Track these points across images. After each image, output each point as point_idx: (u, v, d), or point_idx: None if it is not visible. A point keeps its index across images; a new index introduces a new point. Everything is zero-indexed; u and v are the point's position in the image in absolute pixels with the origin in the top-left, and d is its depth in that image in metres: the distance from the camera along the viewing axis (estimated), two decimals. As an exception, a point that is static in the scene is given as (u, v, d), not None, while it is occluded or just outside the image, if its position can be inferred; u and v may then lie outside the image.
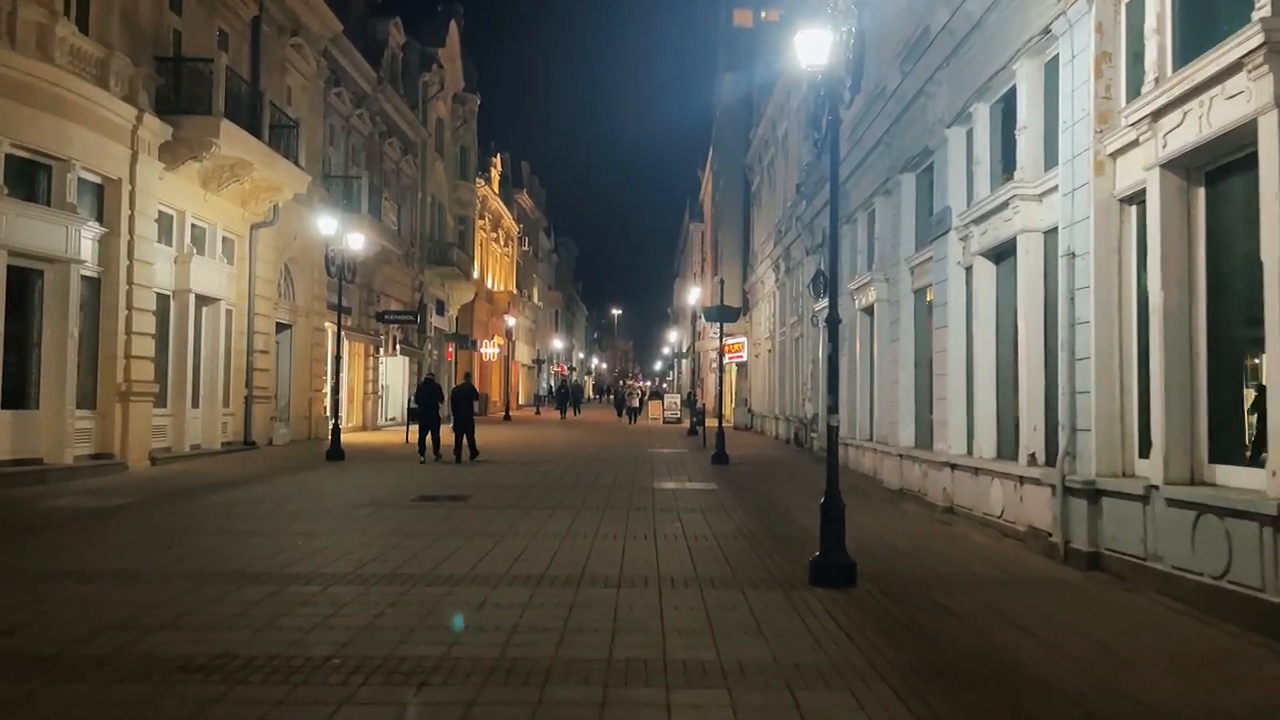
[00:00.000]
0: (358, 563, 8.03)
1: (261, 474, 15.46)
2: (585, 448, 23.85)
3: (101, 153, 14.87)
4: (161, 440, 17.28)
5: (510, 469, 17.23)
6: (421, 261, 36.32)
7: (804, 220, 22.09)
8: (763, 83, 33.01)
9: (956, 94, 11.76)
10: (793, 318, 24.98)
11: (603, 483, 15.06)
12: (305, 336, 24.52)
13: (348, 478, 15.37)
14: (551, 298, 79.86)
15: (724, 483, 15.26)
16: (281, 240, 22.30)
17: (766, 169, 31.21)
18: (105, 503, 11.66)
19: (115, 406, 15.38)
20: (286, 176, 20.26)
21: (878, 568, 7.98)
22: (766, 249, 30.11)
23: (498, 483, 14.86)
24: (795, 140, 25.33)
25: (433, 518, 10.86)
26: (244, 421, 20.69)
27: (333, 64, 25.95)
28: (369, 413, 30.21)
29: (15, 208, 13.12)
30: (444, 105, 39.63)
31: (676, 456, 21.14)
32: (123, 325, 15.50)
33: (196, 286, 18.16)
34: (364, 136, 29.18)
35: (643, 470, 17.47)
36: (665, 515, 11.34)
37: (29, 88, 13.12)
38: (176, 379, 17.80)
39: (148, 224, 16.13)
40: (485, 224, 49.53)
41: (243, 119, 17.97)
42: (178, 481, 14.18)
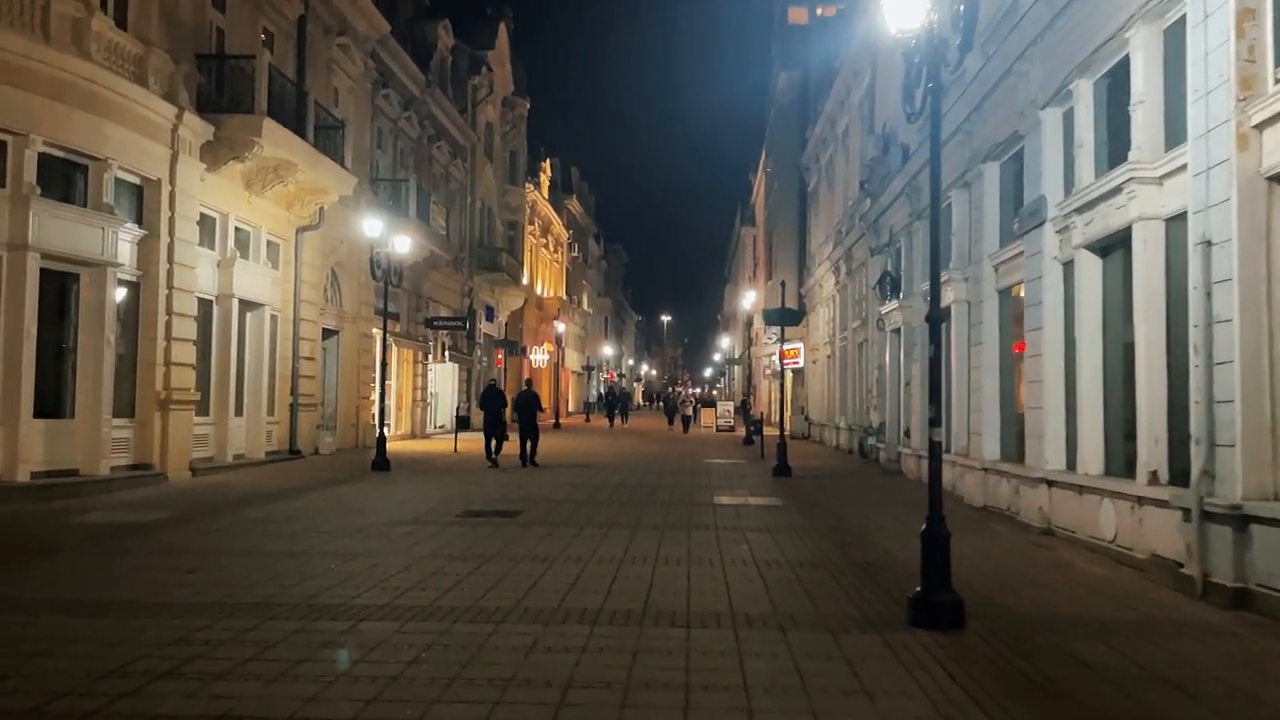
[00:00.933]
0: (394, 592, 7.19)
1: (302, 486, 14.80)
2: (638, 458, 22.94)
3: (140, 152, 14.36)
4: (203, 450, 16.74)
5: (561, 481, 16.38)
6: (471, 267, 35.78)
7: (868, 219, 20.97)
8: (820, 79, 31.93)
9: (1053, 71, 10.64)
10: (855, 321, 23.82)
11: (659, 497, 14.13)
12: (352, 343, 23.99)
13: (391, 490, 14.64)
14: (601, 304, 79.22)
15: (789, 498, 14.23)
16: (327, 244, 21.77)
17: (824, 168, 30.07)
18: (136, 518, 11.02)
19: (154, 415, 14.84)
20: (332, 178, 19.70)
21: (983, 604, 6.93)
22: (825, 251, 28.96)
23: (548, 496, 14.01)
24: (857, 136, 24.20)
25: (478, 537, 10.01)
26: (289, 430, 20.15)
27: (381, 66, 25.45)
28: (417, 420, 29.65)
29: (49, 209, 12.60)
30: (493, 109, 39.12)
31: (734, 468, 20.13)
32: (162, 331, 14.96)
33: (240, 291, 17.63)
34: (412, 140, 28.68)
35: (700, 483, 16.51)
36: (730, 536, 10.37)
37: (63, 84, 12.61)
38: (219, 387, 17.26)
39: (189, 226, 15.61)
40: (535, 230, 48.98)
41: (287, 119, 17.42)
42: (215, 494, 13.55)
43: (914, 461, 17.05)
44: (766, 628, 6.26)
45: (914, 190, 16.91)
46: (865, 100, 23.08)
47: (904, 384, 18.22)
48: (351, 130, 23.13)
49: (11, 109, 11.99)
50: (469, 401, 35.77)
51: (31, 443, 12.46)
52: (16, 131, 12.16)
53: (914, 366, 17.27)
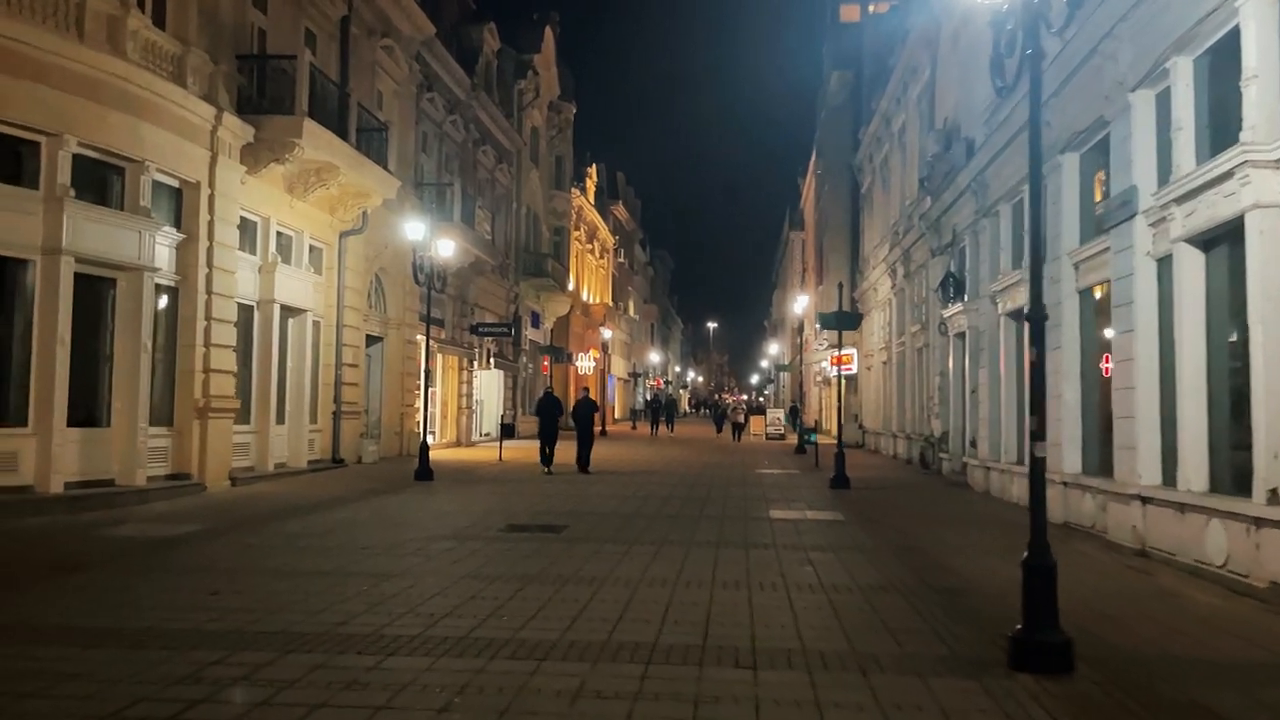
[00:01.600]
0: (428, 620, 6.56)
1: (342, 497, 14.31)
2: (687, 467, 22.20)
3: (178, 154, 14.01)
4: (244, 459, 16.36)
5: (608, 493, 15.72)
6: (516, 273, 35.37)
7: (929, 218, 20.03)
8: (873, 77, 31.00)
9: (1145, 50, 9.74)
10: (914, 326, 22.85)
11: (711, 511, 13.39)
12: (397, 349, 23.59)
13: (433, 502, 14.09)
14: (647, 311, 78.61)
15: (850, 512, 13.40)
16: (371, 249, 21.40)
17: (879, 168, 29.11)
18: (167, 531, 10.56)
19: (193, 424, 14.46)
20: (375, 181, 19.29)
21: (1089, 641, 6.08)
22: (880, 253, 27.99)
23: (594, 509, 13.35)
24: (915, 133, 23.26)
25: (521, 555, 9.37)
26: (332, 438, 19.77)
27: (425, 69, 25.10)
28: (463, 428, 29.22)
29: (83, 211, 12.26)
30: (539, 113, 38.73)
31: (788, 479, 19.30)
32: (201, 337, 14.59)
33: (281, 297, 17.26)
34: (457, 144, 28.31)
35: (753, 495, 15.73)
36: (791, 555, 9.60)
37: (98, 83, 12.27)
38: (260, 394, 16.89)
39: (229, 230, 15.24)
40: (580, 235, 48.54)
41: (329, 121, 17.03)
42: (253, 506, 13.10)
43: (981, 474, 16.10)
44: (845, 669, 5.50)
45: (980, 186, 15.99)
46: (924, 96, 22.16)
47: (969, 391, 17.27)
48: (395, 134, 22.77)
49: (44, 109, 11.66)
50: (514, 409, 35.34)
51: (66, 452, 12.10)
52: (50, 132, 11.83)
53: (981, 372, 16.33)
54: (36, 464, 11.76)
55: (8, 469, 11.54)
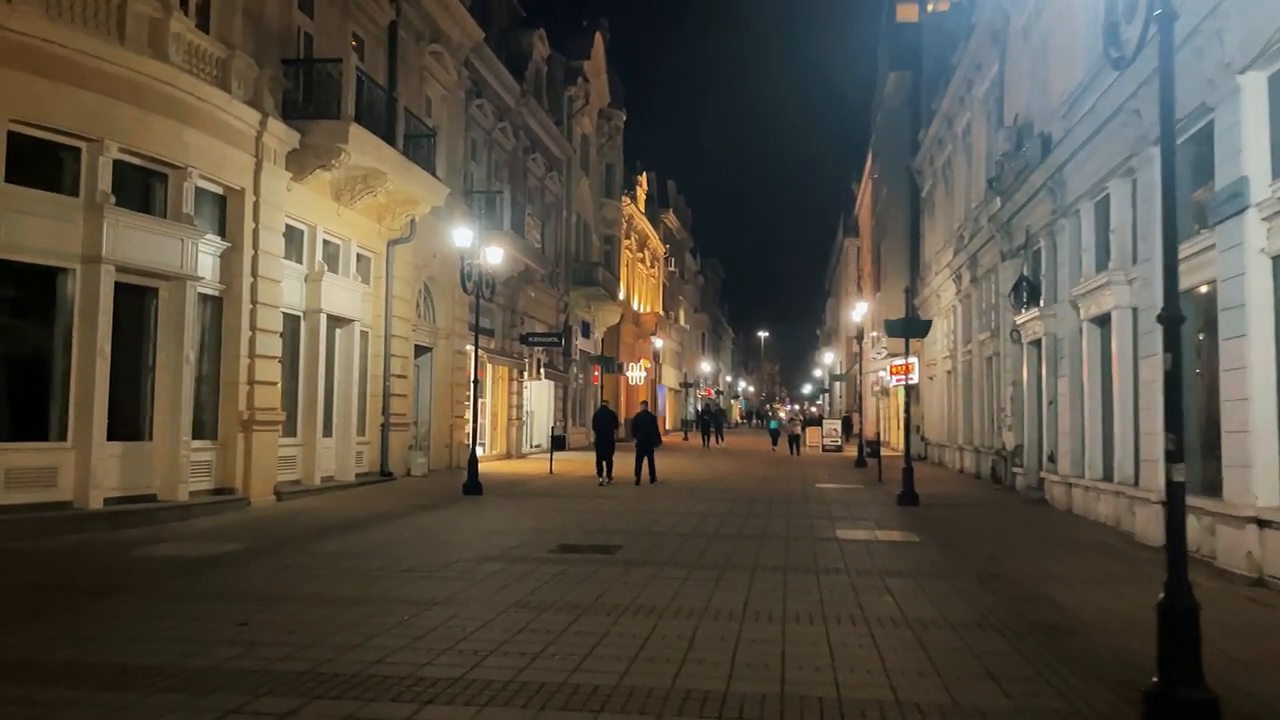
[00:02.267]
0: (471, 657, 5.92)
1: (388, 513, 13.81)
2: (743, 481, 21.40)
3: (221, 160, 13.67)
4: (290, 472, 15.98)
5: (662, 509, 15.01)
6: (566, 282, 34.90)
7: (998, 220, 19.04)
8: (934, 77, 29.98)
9: (1258, 26, 8.82)
10: (983, 334, 21.79)
11: (774, 530, 12.61)
12: (446, 360, 23.17)
13: (482, 518, 13.52)
14: (698, 320, 77.83)
15: (924, 532, 12.52)
16: (420, 258, 21.01)
17: (940, 170, 28.08)
18: (204, 550, 10.10)
19: (237, 437, 14.08)
20: (423, 188, 18.88)
21: (1228, 691, 5.21)
22: (944, 259, 26.94)
23: (649, 527, 12.65)
24: (982, 132, 22.26)
25: (573, 580, 8.71)
26: (380, 451, 19.35)
27: (474, 75, 24.74)
28: (513, 440, 28.74)
29: (125, 219, 11.92)
30: (589, 121, 38.30)
31: (851, 494, 18.40)
32: (246, 348, 14.22)
33: (328, 306, 16.89)
34: (506, 152, 27.92)
35: (816, 512, 14.90)
36: (867, 582, 8.80)
37: (139, 87, 11.94)
38: (307, 406, 16.51)
39: (274, 238, 14.89)
40: (631, 244, 48.01)
41: (376, 126, 16.64)
42: (296, 522, 12.64)
43: (1062, 490, 15.08)
44: (949, 729, 4.74)
45: (1058, 184, 15.02)
46: (991, 92, 21.17)
47: (1046, 402, 16.25)
48: (445, 141, 22.40)
49: (84, 113, 11.35)
50: (565, 420, 34.83)
51: (105, 467, 11.75)
52: (90, 137, 11.52)
53: (1060, 382, 15.32)
54: (76, 479, 11.42)
55: (46, 484, 11.21)
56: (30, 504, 10.93)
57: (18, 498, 10.86)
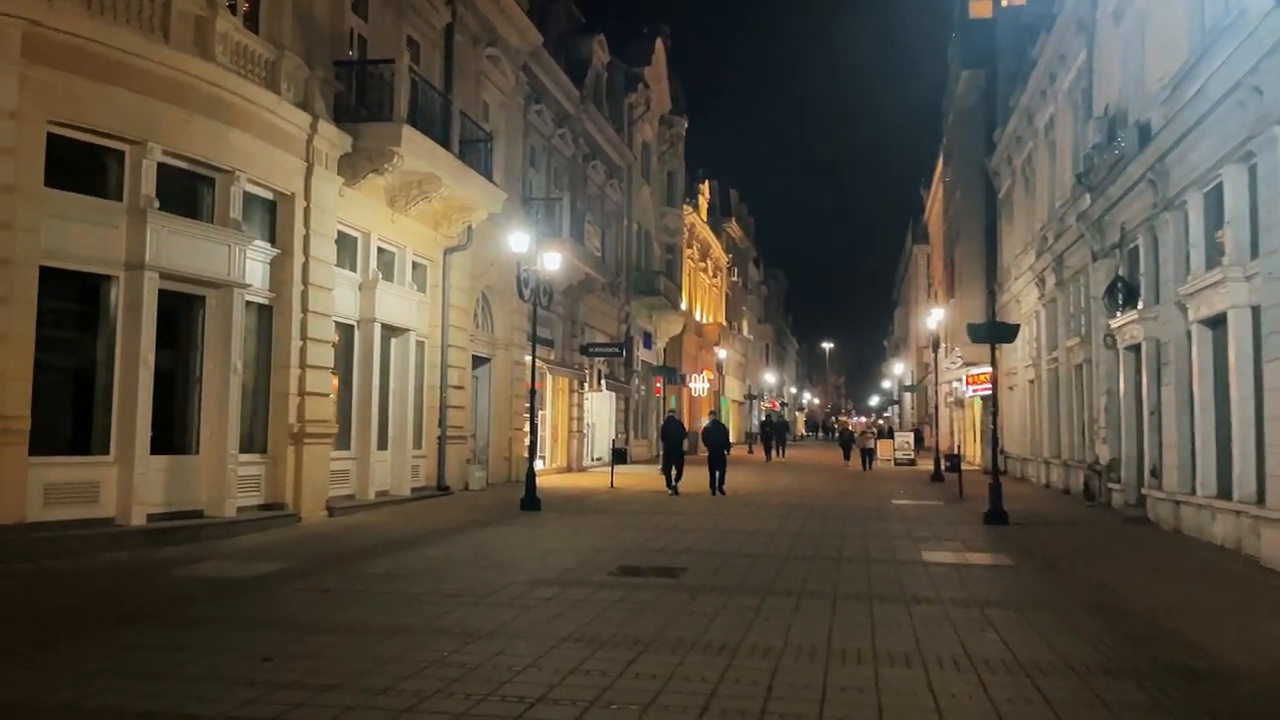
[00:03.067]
0: (517, 705, 5.14)
1: (441, 529, 13.16)
2: (814, 497, 20.35)
3: (271, 164, 13.24)
4: (343, 487, 15.47)
5: (730, 526, 14.10)
6: (627, 292, 34.20)
7: (1089, 218, 17.76)
8: (1011, 73, 28.63)
9: None
10: (1071, 339, 20.43)
11: (851, 549, 11.62)
12: (504, 371, 22.59)
13: (538, 535, 12.78)
14: (761, 331, 76.56)
15: (1019, 555, 11.41)
16: (477, 266, 20.48)
17: (1020, 170, 26.70)
18: (244, 571, 9.53)
19: (287, 450, 13.59)
20: (480, 194, 18.33)
21: None
22: (1024, 262, 25.55)
23: (716, 546, 11.77)
24: (1067, 125, 20.97)
25: (633, 608, 7.88)
26: (437, 465, 18.79)
27: (533, 80, 24.23)
28: (573, 453, 28.06)
29: (169, 224, 11.50)
30: (650, 128, 37.64)
31: (931, 512, 17.25)
32: (296, 358, 13.74)
33: (383, 315, 16.39)
34: (566, 159, 27.36)
35: (896, 531, 13.85)
36: (964, 615, 7.80)
37: (184, 88, 11.53)
38: (361, 418, 16.01)
39: (326, 245, 14.42)
40: (693, 253, 47.18)
41: (431, 130, 16.13)
42: (345, 540, 12.06)
43: (1169, 509, 13.78)
44: (1102, 817, 3.78)
45: (1160, 175, 13.79)
46: (1077, 84, 19.89)
47: (1147, 412, 14.95)
48: (503, 146, 21.89)
49: (127, 114, 10.95)
50: (626, 432, 34.08)
51: (149, 482, 11.29)
52: (132, 139, 11.12)
53: (1164, 390, 14.04)
54: (118, 495, 10.98)
55: (88, 500, 10.78)
56: (71, 520, 10.51)
57: (58, 514, 10.44)
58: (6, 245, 9.88)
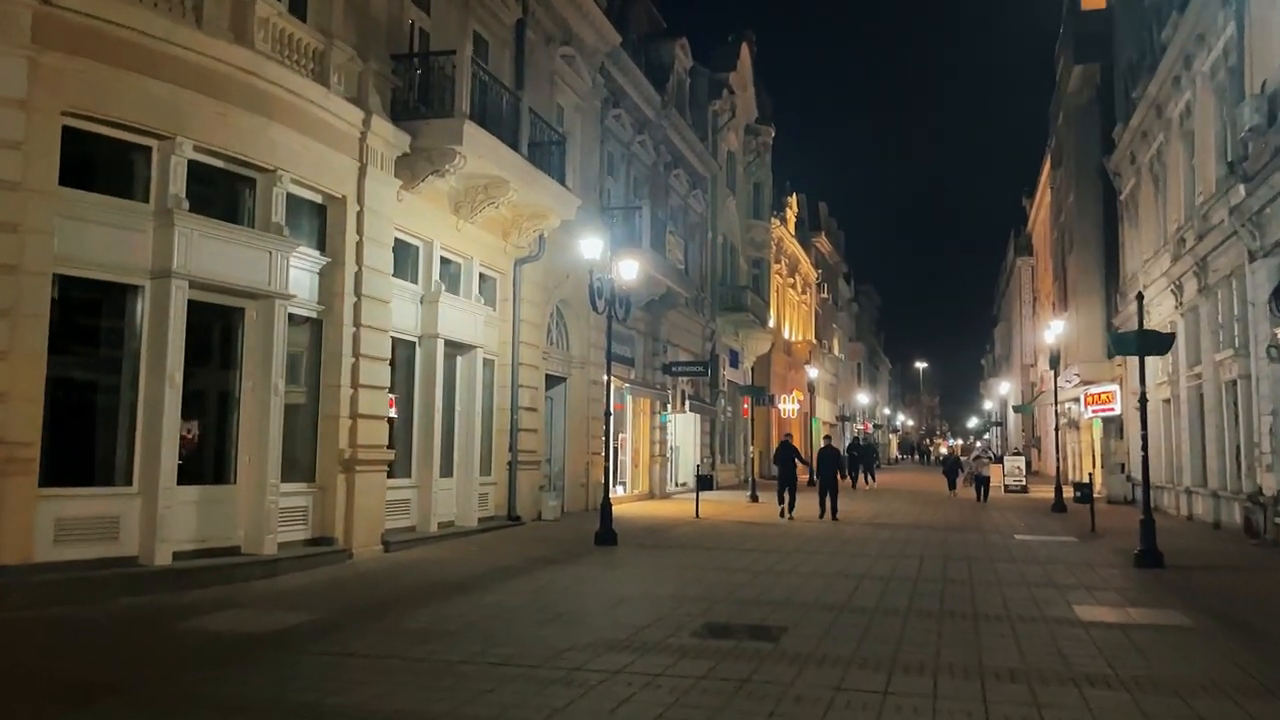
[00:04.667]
0: None
1: (504, 568, 11.66)
2: (923, 531, 18.25)
3: (319, 164, 12.05)
4: (402, 518, 14.16)
5: (834, 567, 12.25)
6: (713, 307, 32.53)
7: (1244, 212, 15.40)
8: (1134, 63, 26.09)
9: None
10: (1222, 352, 17.91)
11: (987, 603, 9.66)
12: (581, 391, 21.13)
13: (612, 578, 11.17)
14: (853, 350, 73.82)
15: (1194, 611, 9.29)
16: (551, 278, 19.11)
17: (1147, 167, 24.15)
18: (266, 624, 8.16)
19: (337, 479, 12.31)
20: (551, 199, 16.96)
21: None
22: (1155, 269, 22.98)
23: (821, 595, 9.95)
24: (1208, 113, 18.56)
25: (723, 689, 6.18)
26: (508, 492, 17.39)
27: (610, 84, 22.89)
28: (655, 479, 26.42)
29: (200, 227, 10.34)
30: (735, 137, 36.02)
31: (1065, 550, 15.04)
32: (348, 377, 12.48)
33: (446, 331, 15.09)
34: (646, 167, 25.92)
35: (1034, 576, 11.78)
36: (1160, 706, 5.86)
37: (218, 77, 10.40)
38: (422, 443, 14.70)
39: (381, 253, 13.18)
40: (781, 269, 45.23)
41: (499, 130, 14.84)
42: (394, 581, 10.66)
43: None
44: None
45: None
46: (1221, 64, 17.52)
47: (1334, 436, 12.55)
48: (578, 152, 20.57)
49: (153, 105, 9.83)
50: (713, 456, 32.30)
51: (176, 515, 10.06)
52: (160, 133, 10.00)
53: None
54: (140, 531, 9.78)
55: (106, 537, 9.60)
56: (86, 560, 9.33)
57: (71, 553, 9.26)
58: (14, 250, 8.81)
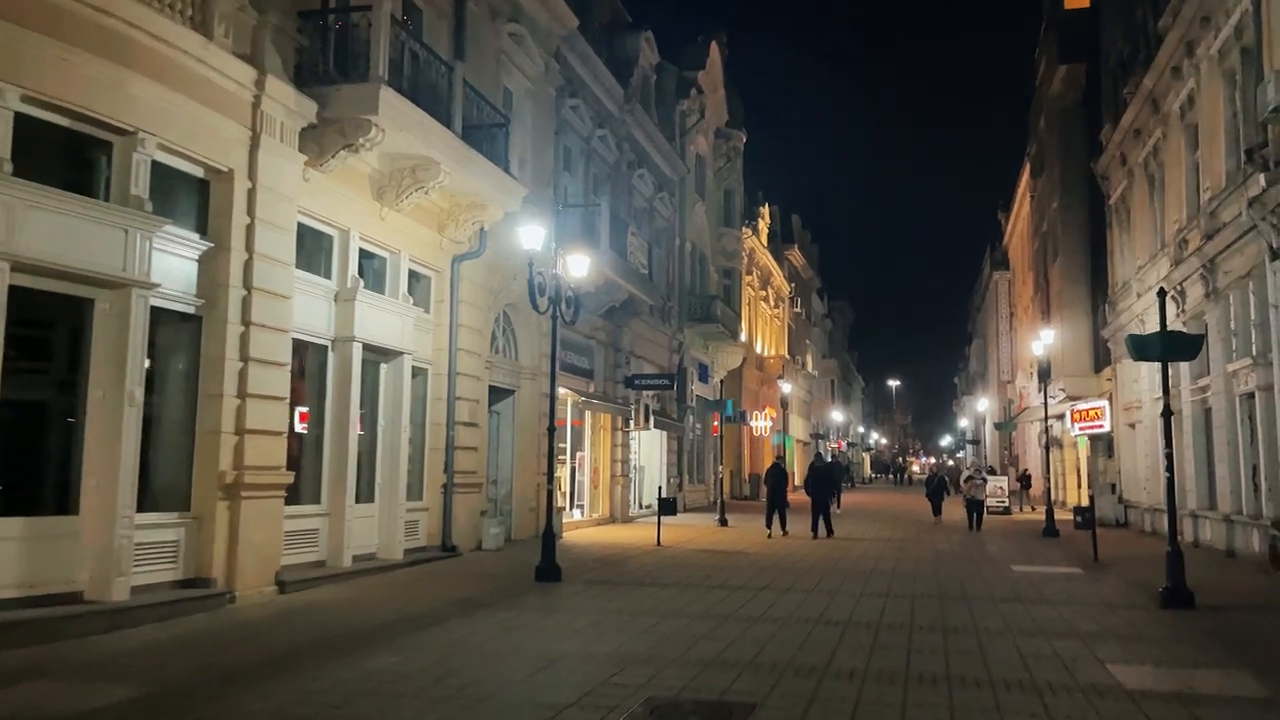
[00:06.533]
0: None
1: (415, 616, 9.65)
2: (909, 561, 16.38)
3: (197, 128, 10.06)
4: (308, 552, 12.12)
5: (811, 609, 10.32)
6: (680, 318, 30.67)
7: (1265, 204, 13.78)
8: (1125, 59, 24.66)
9: None
10: (1237, 362, 16.22)
11: (1001, 664, 7.76)
12: (532, 405, 19.13)
13: (543, 630, 9.17)
14: (826, 367, 72.23)
15: (1262, 673, 7.46)
16: (496, 279, 17.16)
17: (1141, 166, 22.62)
18: (71, 704, 6.11)
19: (216, 506, 10.24)
20: (493, 187, 15.04)
21: None
22: (1152, 275, 21.38)
23: (797, 652, 8.02)
24: (1216, 99, 16.98)
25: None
26: (443, 518, 15.35)
27: (567, 70, 21.05)
28: (617, 502, 24.41)
29: (30, 196, 8.31)
30: (704, 140, 34.31)
31: (1075, 586, 13.24)
32: (234, 384, 10.45)
33: (367, 334, 13.08)
34: (608, 164, 24.07)
35: (1049, 624, 9.92)
36: None
37: (59, 14, 8.42)
38: (334, 463, 12.66)
39: (280, 239, 11.18)
40: (753, 280, 43.52)
41: (435, 108, 12.95)
42: (272, 636, 8.63)
43: None
44: None
45: None
46: (1235, 42, 15.97)
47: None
48: (529, 141, 18.72)
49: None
50: (680, 476, 30.37)
51: None
52: (-29, 76, 8.00)
53: None
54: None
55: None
56: None
57: None
58: None
